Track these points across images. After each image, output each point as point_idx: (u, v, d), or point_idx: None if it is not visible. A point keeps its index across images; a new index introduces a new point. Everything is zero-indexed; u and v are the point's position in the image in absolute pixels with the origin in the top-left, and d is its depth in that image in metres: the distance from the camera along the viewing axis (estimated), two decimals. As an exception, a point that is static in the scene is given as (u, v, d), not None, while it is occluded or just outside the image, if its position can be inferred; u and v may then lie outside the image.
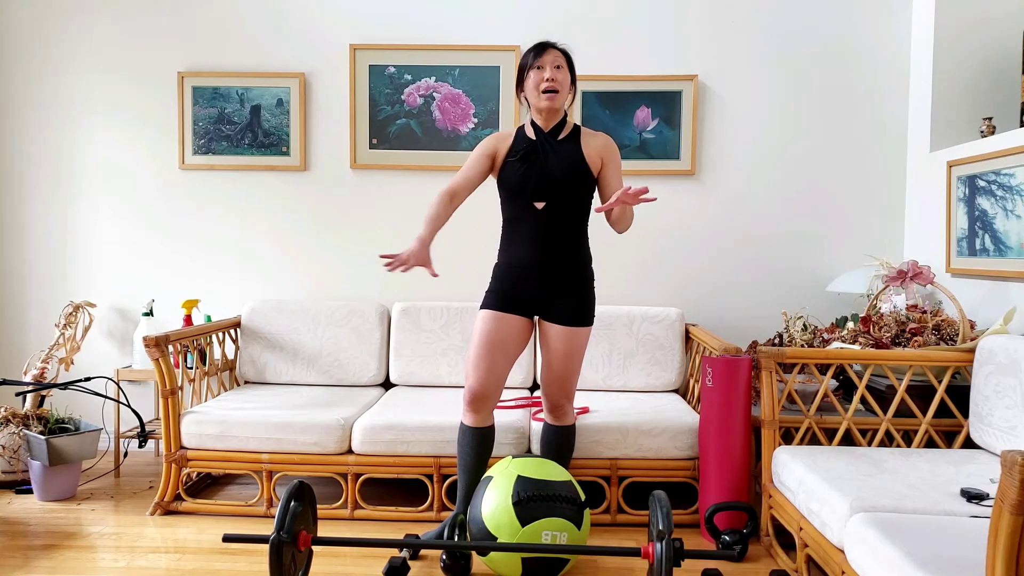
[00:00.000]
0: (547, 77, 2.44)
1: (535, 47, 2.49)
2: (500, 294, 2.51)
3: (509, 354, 2.50)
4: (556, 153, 2.49)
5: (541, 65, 2.46)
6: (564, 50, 2.51)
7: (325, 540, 2.15)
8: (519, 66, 2.53)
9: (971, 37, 3.31)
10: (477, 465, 2.52)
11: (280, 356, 3.48)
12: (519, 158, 2.49)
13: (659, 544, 1.98)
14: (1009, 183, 2.79)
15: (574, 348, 2.51)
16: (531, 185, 2.46)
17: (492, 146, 2.54)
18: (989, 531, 1.36)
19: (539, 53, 2.48)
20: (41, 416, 3.18)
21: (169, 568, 2.46)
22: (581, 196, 2.50)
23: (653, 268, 3.67)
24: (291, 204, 3.72)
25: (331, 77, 3.67)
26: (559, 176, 2.46)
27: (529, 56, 2.49)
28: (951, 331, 2.82)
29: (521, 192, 2.48)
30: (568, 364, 2.52)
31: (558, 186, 2.46)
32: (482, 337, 2.48)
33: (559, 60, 2.48)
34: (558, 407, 2.58)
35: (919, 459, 2.37)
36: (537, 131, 2.53)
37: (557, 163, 2.47)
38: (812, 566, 2.39)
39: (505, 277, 2.53)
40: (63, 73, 3.73)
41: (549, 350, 2.53)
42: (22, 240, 3.79)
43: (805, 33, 3.59)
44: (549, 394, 2.57)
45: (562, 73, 2.47)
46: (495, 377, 2.47)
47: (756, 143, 3.63)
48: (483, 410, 2.49)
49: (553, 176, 2.46)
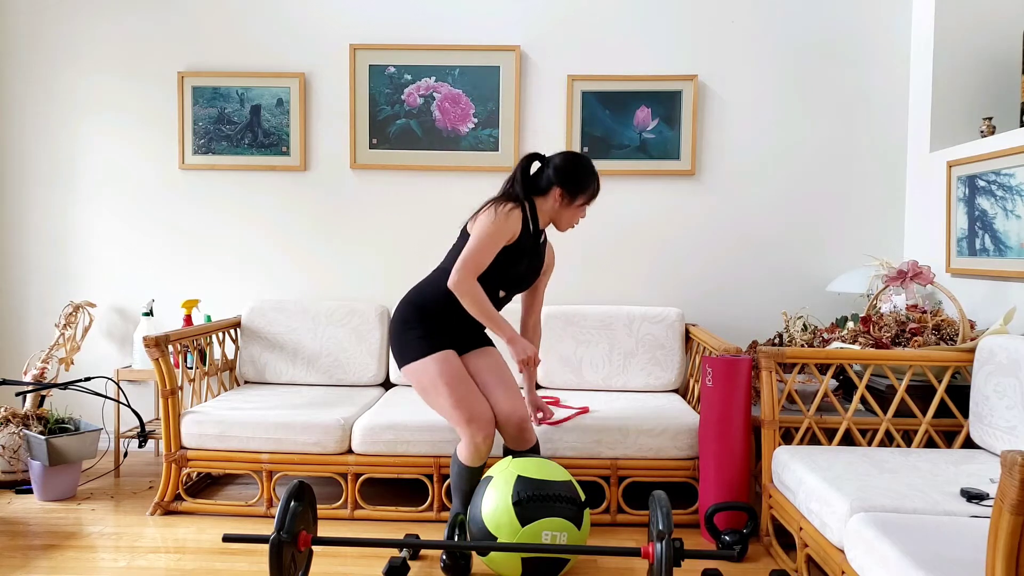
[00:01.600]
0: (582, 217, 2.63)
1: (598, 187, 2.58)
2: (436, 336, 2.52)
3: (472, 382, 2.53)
4: (536, 253, 2.61)
5: (588, 204, 2.58)
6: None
7: (325, 540, 2.15)
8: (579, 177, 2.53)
9: (971, 37, 3.31)
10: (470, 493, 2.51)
11: (280, 356, 3.48)
12: (523, 251, 2.55)
13: (659, 544, 1.98)
14: (1009, 183, 2.79)
15: (500, 359, 2.64)
16: (515, 278, 2.57)
17: (511, 231, 2.47)
18: (989, 531, 1.36)
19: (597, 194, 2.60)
20: (41, 416, 3.18)
21: (169, 568, 2.46)
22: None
23: (653, 268, 3.67)
24: (291, 204, 3.72)
25: (331, 77, 3.67)
26: (531, 274, 2.64)
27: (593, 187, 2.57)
28: (951, 331, 2.82)
29: (500, 279, 2.54)
30: (507, 371, 2.60)
31: (525, 282, 2.64)
32: (445, 381, 2.46)
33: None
34: (524, 421, 2.51)
35: (919, 459, 2.37)
36: (536, 230, 2.59)
37: (533, 264, 2.62)
38: (812, 566, 2.39)
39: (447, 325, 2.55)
40: (63, 73, 3.73)
41: (484, 368, 2.57)
42: (22, 240, 3.79)
43: (805, 33, 3.59)
44: (513, 408, 2.50)
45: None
46: (481, 404, 2.47)
47: (756, 143, 3.63)
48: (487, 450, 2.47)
49: (527, 274, 2.62)
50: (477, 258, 2.42)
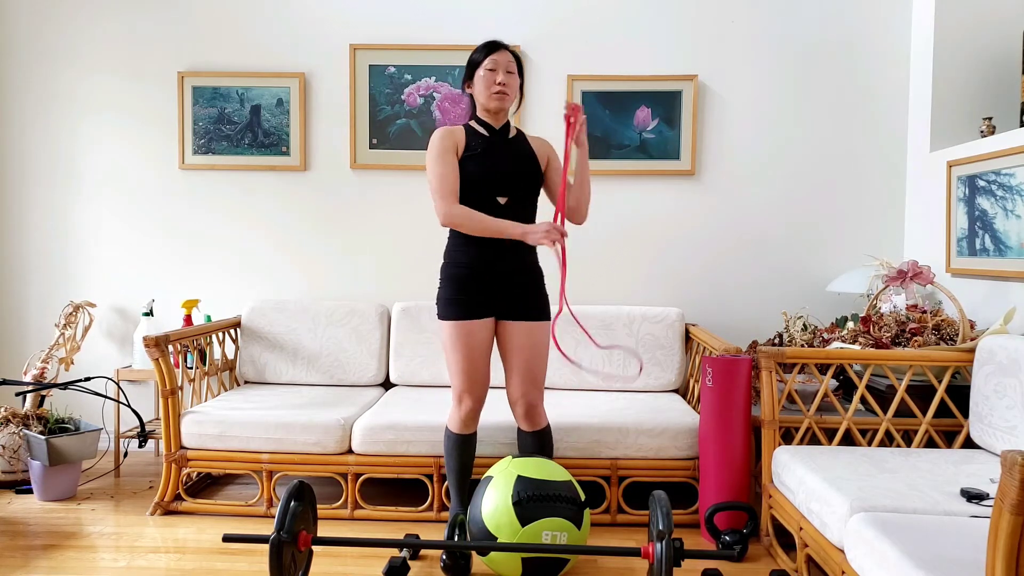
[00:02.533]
0: (499, 80, 2.47)
1: (487, 45, 2.51)
2: (459, 302, 2.49)
3: (486, 356, 2.53)
4: (510, 149, 2.53)
5: (495, 67, 2.48)
6: (516, 54, 2.54)
7: (325, 540, 2.15)
8: (468, 61, 2.54)
9: (971, 37, 3.31)
10: (464, 471, 2.57)
11: (280, 356, 3.48)
12: (481, 152, 2.50)
13: (659, 544, 1.98)
14: (1009, 183, 2.79)
15: (540, 341, 2.54)
16: (494, 178, 2.48)
17: (451, 141, 2.50)
18: (989, 531, 1.36)
19: (491, 52, 2.49)
20: (41, 416, 3.18)
21: (169, 568, 2.46)
22: (535, 192, 2.57)
23: (653, 268, 3.67)
24: (291, 204, 3.72)
25: (331, 77, 3.67)
26: (519, 169, 2.51)
27: (480, 54, 2.50)
28: (951, 331, 2.82)
29: (482, 185, 2.47)
30: (537, 358, 2.54)
31: (519, 179, 2.50)
32: (458, 344, 2.47)
33: (512, 65, 2.51)
34: (533, 407, 2.54)
35: (919, 459, 2.37)
36: (488, 128, 2.55)
37: (512, 159, 2.52)
38: (812, 566, 2.39)
39: (466, 281, 2.50)
40: (63, 73, 3.73)
41: (517, 347, 2.52)
42: (22, 240, 3.79)
43: (805, 33, 3.59)
44: (523, 394, 2.53)
45: (513, 78, 2.51)
46: (483, 377, 2.51)
47: (756, 143, 3.63)
48: (475, 413, 2.53)
49: (513, 170, 2.50)
50: (435, 184, 2.46)
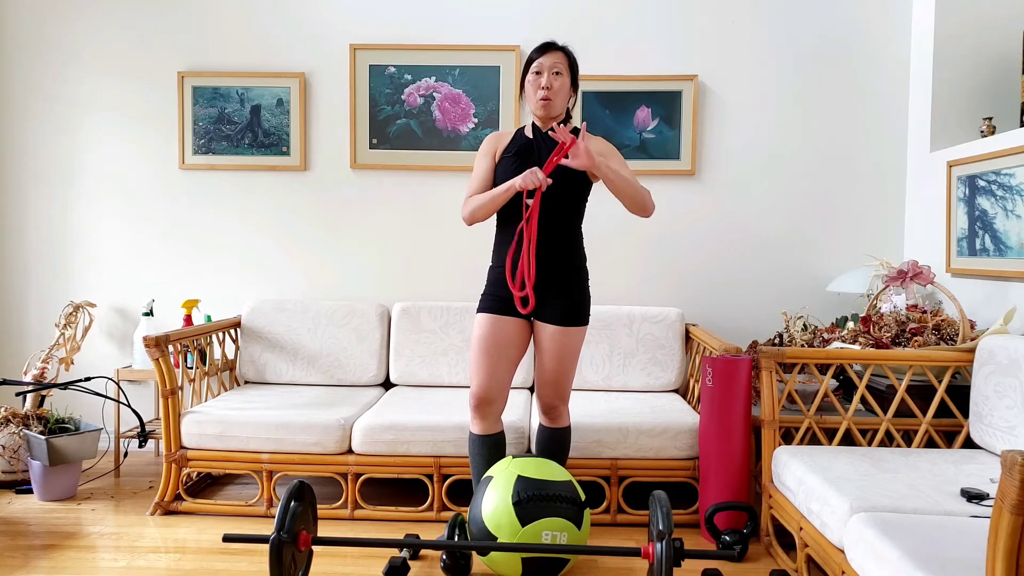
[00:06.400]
0: (544, 85, 2.44)
1: (538, 48, 2.48)
2: (495, 297, 2.50)
3: (510, 357, 2.49)
4: (550, 150, 2.48)
5: (540, 71, 2.45)
6: (567, 51, 2.50)
7: (325, 540, 2.15)
8: (526, 62, 2.52)
9: (971, 37, 3.31)
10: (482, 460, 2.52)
11: (280, 356, 3.47)
12: (513, 154, 2.50)
13: (659, 544, 1.98)
14: (1009, 183, 2.79)
15: (568, 348, 2.49)
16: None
17: (492, 145, 2.56)
18: (989, 531, 1.36)
19: (539, 55, 2.47)
20: (41, 416, 3.18)
21: (169, 568, 2.46)
22: (575, 196, 2.49)
23: (653, 268, 3.67)
24: (291, 204, 3.72)
25: (331, 77, 3.67)
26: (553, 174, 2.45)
27: (532, 55, 2.49)
28: (951, 331, 2.82)
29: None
30: (562, 365, 2.50)
31: (551, 184, 2.41)
32: (481, 342, 2.47)
33: (559, 65, 2.46)
34: (553, 409, 2.57)
35: (919, 459, 2.37)
36: (535, 131, 2.54)
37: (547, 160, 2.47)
38: (812, 566, 2.39)
39: (500, 279, 2.51)
40: (63, 73, 3.73)
41: (543, 351, 2.51)
42: (22, 240, 3.79)
43: (805, 33, 3.59)
44: (544, 395, 2.56)
45: (560, 79, 2.46)
46: (497, 381, 2.46)
47: (756, 143, 3.63)
48: (489, 416, 2.49)
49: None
50: (470, 185, 2.55)
